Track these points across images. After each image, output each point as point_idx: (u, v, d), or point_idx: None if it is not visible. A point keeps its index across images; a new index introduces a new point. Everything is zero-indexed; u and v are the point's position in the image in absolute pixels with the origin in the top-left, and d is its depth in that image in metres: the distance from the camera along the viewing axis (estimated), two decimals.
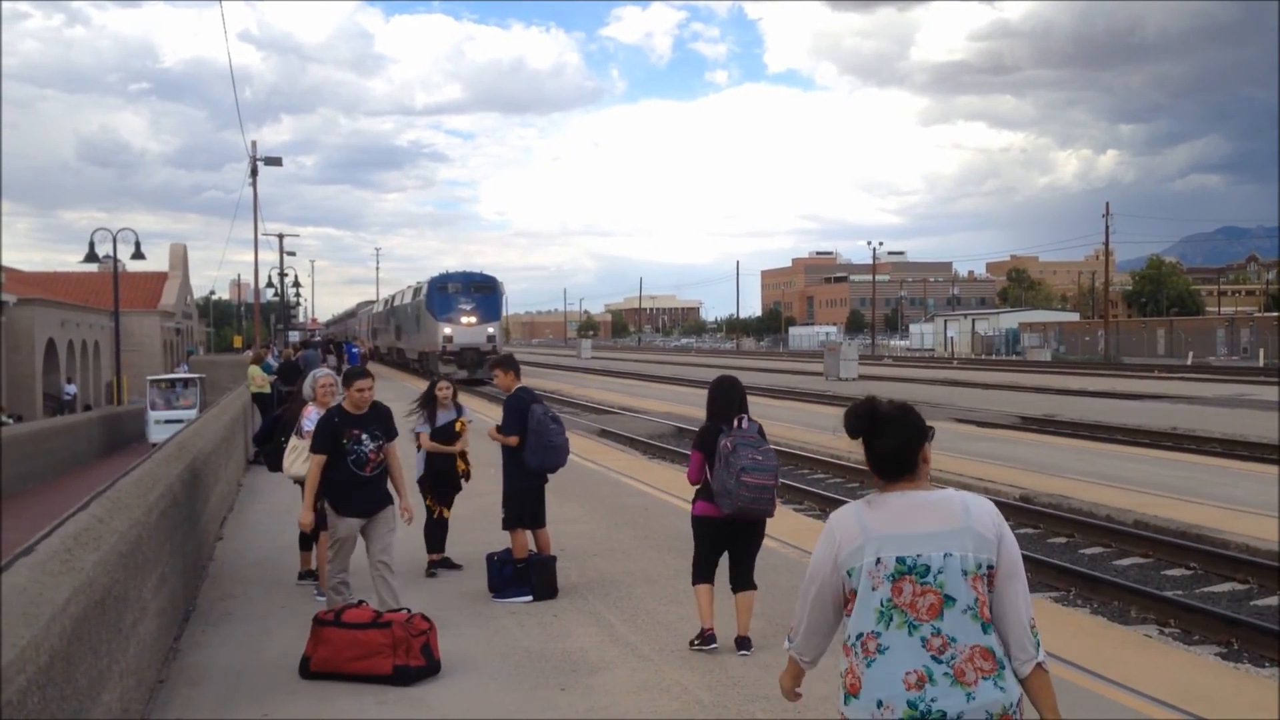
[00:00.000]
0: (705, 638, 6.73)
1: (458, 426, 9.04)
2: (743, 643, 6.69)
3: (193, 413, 30.32)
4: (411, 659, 6.23)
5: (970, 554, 2.85)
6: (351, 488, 6.93)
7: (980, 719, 2.78)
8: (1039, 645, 2.90)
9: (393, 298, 58.61)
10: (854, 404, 3.09)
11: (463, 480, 9.16)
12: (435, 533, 9.06)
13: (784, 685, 3.31)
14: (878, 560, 2.88)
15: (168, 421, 30.53)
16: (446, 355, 40.44)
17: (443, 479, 8.98)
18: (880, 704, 2.82)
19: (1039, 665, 2.88)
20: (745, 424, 6.60)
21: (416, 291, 47.61)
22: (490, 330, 42.44)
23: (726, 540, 6.71)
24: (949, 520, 2.89)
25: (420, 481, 8.98)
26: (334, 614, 6.44)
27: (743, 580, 6.75)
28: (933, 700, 2.78)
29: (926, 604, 2.83)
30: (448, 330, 41.12)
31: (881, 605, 2.86)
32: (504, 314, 46.06)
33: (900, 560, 2.86)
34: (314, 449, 7.02)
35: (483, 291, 43.24)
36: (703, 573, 6.76)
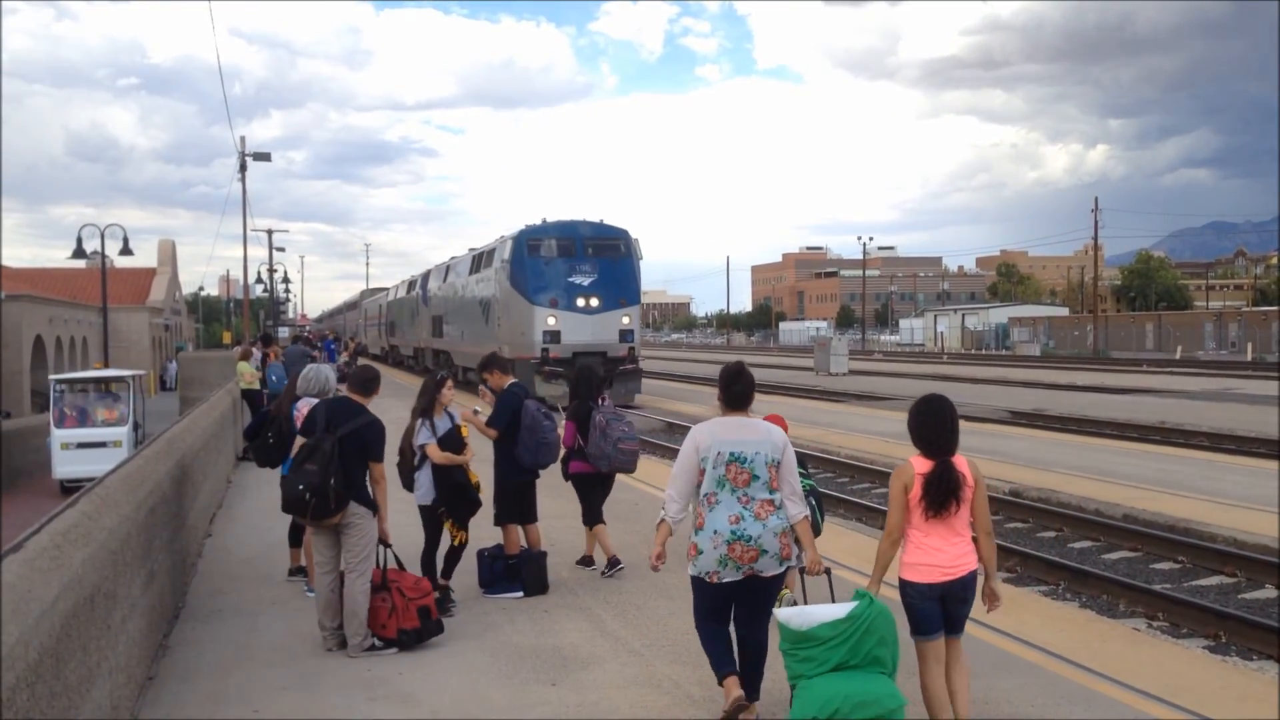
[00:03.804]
0: (612, 562, 8.49)
1: (463, 431, 7.70)
2: (613, 562, 8.48)
3: (122, 431, 21.67)
4: (408, 622, 6.72)
5: (768, 453, 5.18)
6: None
7: (770, 537, 5.06)
8: (805, 505, 5.23)
9: (426, 275, 40.68)
10: (728, 365, 5.49)
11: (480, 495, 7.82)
12: (452, 559, 7.82)
13: (654, 553, 5.34)
14: (718, 453, 5.16)
15: (82, 446, 21.07)
16: (549, 365, 24.08)
17: (459, 496, 7.59)
18: (715, 532, 5.08)
19: (805, 518, 5.22)
20: (607, 402, 8.63)
21: (480, 259, 29.61)
22: (625, 320, 25.22)
23: (597, 487, 8.66)
24: (759, 435, 5.24)
25: (434, 505, 7.64)
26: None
27: (598, 518, 8.65)
28: (743, 529, 5.06)
29: (743, 478, 5.14)
30: (551, 320, 24.57)
31: (718, 477, 5.15)
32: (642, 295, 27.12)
33: (731, 454, 5.16)
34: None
35: (608, 254, 25.62)
36: (596, 516, 8.67)
